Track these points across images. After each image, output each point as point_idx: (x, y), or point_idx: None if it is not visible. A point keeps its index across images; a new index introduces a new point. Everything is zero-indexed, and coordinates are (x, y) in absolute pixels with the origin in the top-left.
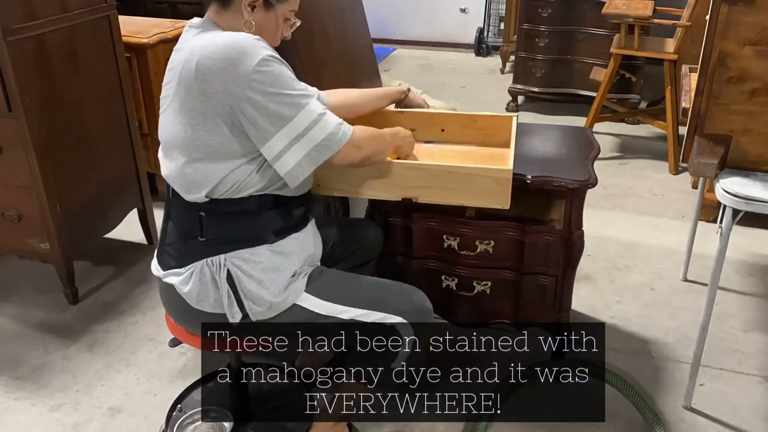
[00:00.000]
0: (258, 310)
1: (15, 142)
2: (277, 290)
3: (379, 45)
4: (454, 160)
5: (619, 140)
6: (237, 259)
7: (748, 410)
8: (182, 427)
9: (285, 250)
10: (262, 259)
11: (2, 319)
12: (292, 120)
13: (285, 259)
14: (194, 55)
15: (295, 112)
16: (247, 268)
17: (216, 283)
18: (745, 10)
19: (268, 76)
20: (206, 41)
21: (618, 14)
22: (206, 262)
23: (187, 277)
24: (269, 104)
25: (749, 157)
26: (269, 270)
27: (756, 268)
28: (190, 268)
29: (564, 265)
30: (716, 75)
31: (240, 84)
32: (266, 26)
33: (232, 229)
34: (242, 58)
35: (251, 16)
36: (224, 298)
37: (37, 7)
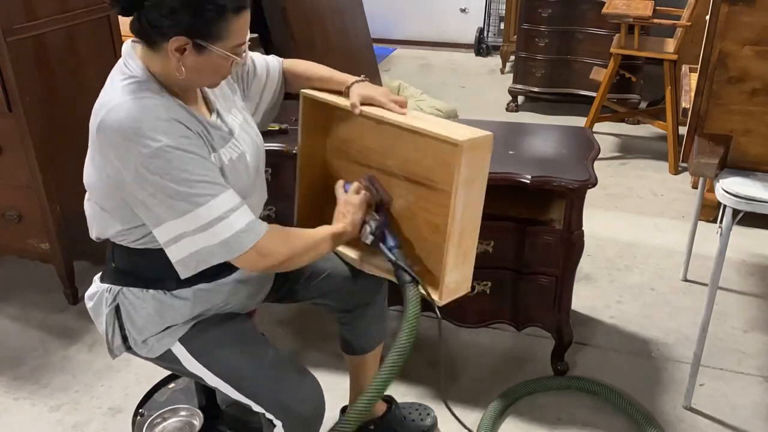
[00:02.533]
0: (139, 344)
1: (15, 142)
2: (151, 334)
3: (379, 45)
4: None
5: (619, 140)
6: (130, 296)
7: (748, 410)
8: (152, 426)
9: (187, 297)
10: (146, 305)
11: (2, 319)
12: (187, 214)
13: (181, 305)
14: (102, 109)
15: (192, 207)
16: (133, 307)
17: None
18: (745, 10)
19: (164, 166)
20: (117, 101)
21: (618, 14)
22: (104, 287)
23: (93, 294)
24: (162, 194)
25: (749, 157)
26: (151, 315)
27: (756, 268)
28: (100, 286)
29: (564, 265)
30: (716, 75)
31: (131, 167)
32: (202, 70)
33: (136, 266)
34: (138, 140)
35: (181, 60)
36: (107, 330)
37: (37, 7)
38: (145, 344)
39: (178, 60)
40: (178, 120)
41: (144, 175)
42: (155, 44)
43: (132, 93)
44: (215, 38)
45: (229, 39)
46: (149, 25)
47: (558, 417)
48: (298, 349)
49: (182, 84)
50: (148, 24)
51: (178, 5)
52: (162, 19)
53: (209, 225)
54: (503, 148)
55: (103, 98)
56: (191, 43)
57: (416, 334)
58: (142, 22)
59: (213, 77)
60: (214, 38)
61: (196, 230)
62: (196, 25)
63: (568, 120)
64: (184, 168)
